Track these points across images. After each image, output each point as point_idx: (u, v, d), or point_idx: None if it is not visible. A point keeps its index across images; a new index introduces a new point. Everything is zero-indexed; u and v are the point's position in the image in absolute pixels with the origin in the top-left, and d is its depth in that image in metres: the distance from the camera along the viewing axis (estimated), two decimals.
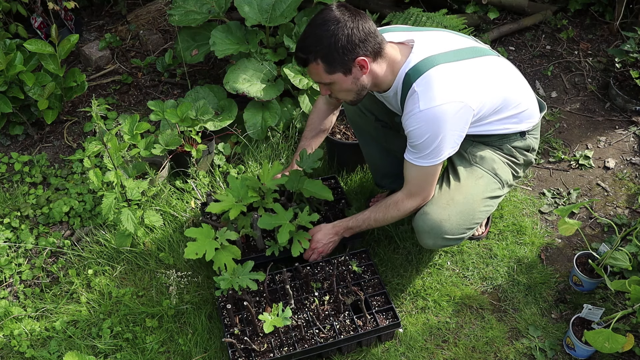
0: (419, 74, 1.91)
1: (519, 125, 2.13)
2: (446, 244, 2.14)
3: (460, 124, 1.92)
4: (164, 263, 2.49)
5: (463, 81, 1.92)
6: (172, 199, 2.70)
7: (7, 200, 2.80)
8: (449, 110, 1.87)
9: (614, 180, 2.84)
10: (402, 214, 2.15)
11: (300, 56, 1.93)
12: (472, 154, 2.16)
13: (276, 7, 2.94)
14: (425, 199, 2.11)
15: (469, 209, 2.10)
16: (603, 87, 3.32)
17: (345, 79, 1.94)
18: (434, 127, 1.88)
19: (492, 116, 2.05)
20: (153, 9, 3.85)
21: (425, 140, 1.91)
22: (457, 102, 1.88)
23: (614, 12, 3.55)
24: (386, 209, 2.17)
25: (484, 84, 1.98)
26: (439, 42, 2.01)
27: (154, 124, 3.11)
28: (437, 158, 1.95)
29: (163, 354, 2.23)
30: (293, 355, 2.06)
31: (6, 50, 2.92)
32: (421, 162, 1.98)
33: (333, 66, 1.89)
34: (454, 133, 1.92)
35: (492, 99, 2.00)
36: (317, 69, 1.92)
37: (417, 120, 1.90)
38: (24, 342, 2.26)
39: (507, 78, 2.09)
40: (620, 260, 2.12)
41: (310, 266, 2.33)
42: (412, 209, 2.13)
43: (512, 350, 2.21)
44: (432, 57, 1.93)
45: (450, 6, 3.58)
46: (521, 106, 2.10)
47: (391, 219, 2.18)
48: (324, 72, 1.92)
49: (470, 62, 1.99)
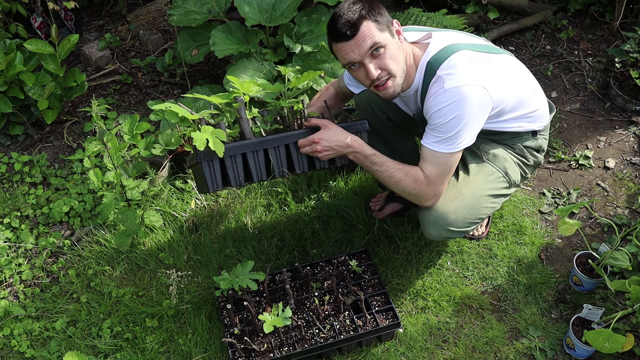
0: (442, 60, 1.90)
1: (532, 124, 2.14)
2: (449, 236, 2.14)
3: (481, 111, 1.90)
4: (164, 263, 2.49)
5: (486, 70, 1.92)
6: (172, 199, 2.70)
7: (7, 200, 2.80)
8: (474, 93, 1.86)
9: (614, 180, 2.84)
10: (412, 194, 2.01)
11: (350, 19, 1.83)
12: (484, 151, 2.16)
13: (276, 7, 2.94)
14: (435, 195, 2.02)
15: (476, 203, 2.10)
16: (603, 87, 3.32)
17: (393, 41, 1.91)
18: (459, 107, 1.85)
19: (509, 113, 2.05)
20: (153, 9, 3.85)
21: (449, 121, 1.87)
22: (481, 87, 1.87)
23: (614, 12, 3.55)
24: (405, 175, 1.99)
25: (504, 79, 1.98)
26: (455, 37, 2.02)
27: (154, 124, 3.11)
28: (456, 145, 1.90)
29: (163, 354, 2.23)
30: (293, 355, 2.07)
31: (6, 50, 2.92)
32: (439, 147, 1.92)
33: (381, 24, 1.87)
34: (476, 121, 1.90)
35: (510, 96, 2.00)
36: (369, 27, 1.85)
37: (442, 100, 1.87)
38: (24, 342, 2.26)
39: (523, 77, 2.11)
40: (620, 260, 2.12)
41: (310, 266, 2.33)
42: (421, 194, 2.00)
43: (512, 350, 2.21)
44: (452, 45, 1.94)
45: (450, 6, 3.58)
46: (534, 105, 2.11)
47: (403, 187, 2.00)
48: (377, 30, 1.86)
49: (489, 57, 2.00)
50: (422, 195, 2.02)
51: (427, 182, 1.99)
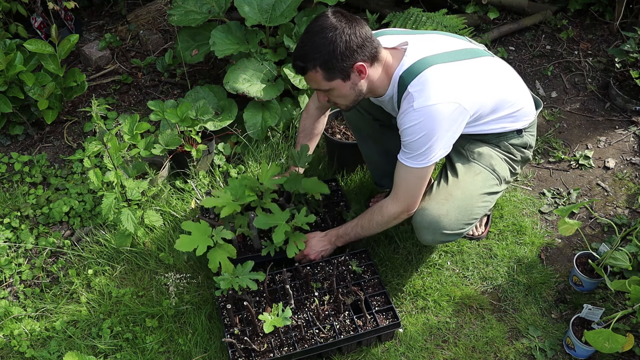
0: (414, 76, 1.91)
1: (515, 123, 2.14)
2: (445, 240, 2.14)
3: (454, 125, 1.92)
4: (164, 263, 2.49)
5: (458, 82, 1.93)
6: (172, 199, 2.70)
7: (7, 200, 2.80)
8: (443, 110, 1.87)
9: (614, 180, 2.84)
10: (385, 220, 2.13)
11: (298, 65, 1.92)
12: (469, 150, 2.17)
13: (276, 7, 2.94)
14: (410, 208, 2.09)
15: (467, 204, 2.10)
16: (603, 87, 3.32)
17: (344, 85, 1.94)
18: (427, 126, 1.88)
19: (488, 116, 2.05)
20: (153, 9, 3.85)
21: (418, 139, 1.91)
22: (452, 102, 1.88)
23: (614, 12, 3.55)
24: (371, 215, 2.17)
25: (479, 85, 1.98)
26: (432, 44, 2.01)
27: (154, 124, 3.11)
28: (428, 160, 1.94)
29: (163, 354, 2.23)
30: (293, 355, 2.06)
31: (6, 50, 2.92)
32: (412, 163, 1.97)
33: (332, 73, 1.90)
34: (447, 135, 1.92)
35: (487, 100, 2.00)
36: (315, 76, 1.92)
37: (410, 119, 1.90)
38: (24, 342, 2.26)
39: (502, 78, 2.10)
40: (620, 260, 2.12)
41: (310, 266, 2.33)
42: (395, 215, 2.10)
43: (512, 350, 2.21)
44: (426, 59, 1.93)
45: (450, 6, 3.57)
46: (517, 105, 2.11)
47: (376, 226, 2.17)
48: (323, 80, 1.92)
49: (464, 64, 1.99)
50: (393, 214, 2.11)
51: (394, 200, 2.08)
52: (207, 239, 2.17)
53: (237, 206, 2.25)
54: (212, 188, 2.77)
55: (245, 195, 2.29)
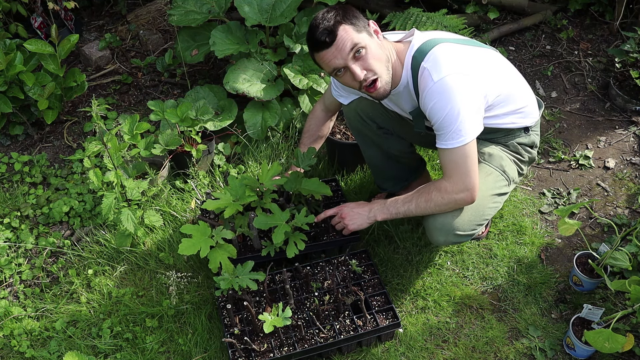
0: (425, 53, 1.93)
1: (524, 119, 2.16)
2: (457, 241, 2.14)
3: (473, 95, 1.91)
4: (164, 263, 2.49)
5: (467, 60, 1.95)
6: (172, 199, 2.70)
7: (7, 200, 2.80)
8: (457, 81, 1.87)
9: (614, 180, 2.84)
10: (446, 203, 2.02)
11: (326, 30, 1.88)
12: (480, 151, 2.17)
13: (276, 7, 2.94)
14: (469, 189, 1.98)
15: (479, 205, 2.10)
16: (603, 87, 3.32)
17: (372, 40, 1.93)
18: (448, 98, 1.87)
19: (498, 108, 2.06)
20: (153, 9, 3.85)
21: (445, 117, 1.89)
22: (463, 74, 1.89)
23: (614, 12, 3.55)
24: (428, 194, 2.04)
25: (487, 71, 2.01)
26: (439, 32, 2.06)
27: (154, 124, 3.11)
28: (463, 136, 1.90)
29: (163, 354, 2.23)
30: (293, 355, 2.06)
31: (6, 50, 2.92)
32: (449, 144, 1.93)
33: (357, 26, 1.90)
34: (470, 105, 1.90)
35: (496, 88, 2.01)
36: (346, 31, 1.88)
37: (432, 95, 1.90)
38: (24, 342, 2.26)
39: (508, 72, 2.13)
40: (620, 260, 2.12)
41: (310, 266, 2.33)
42: (456, 199, 2.00)
43: (512, 350, 2.21)
44: (434, 39, 1.97)
45: (450, 6, 3.58)
46: (523, 101, 2.13)
47: (434, 207, 2.04)
48: (354, 32, 1.90)
49: (473, 49, 2.03)
50: (455, 199, 2.01)
51: (451, 184, 1.99)
52: (207, 239, 2.17)
53: (239, 206, 2.25)
54: (212, 188, 2.77)
55: (246, 195, 2.29)
